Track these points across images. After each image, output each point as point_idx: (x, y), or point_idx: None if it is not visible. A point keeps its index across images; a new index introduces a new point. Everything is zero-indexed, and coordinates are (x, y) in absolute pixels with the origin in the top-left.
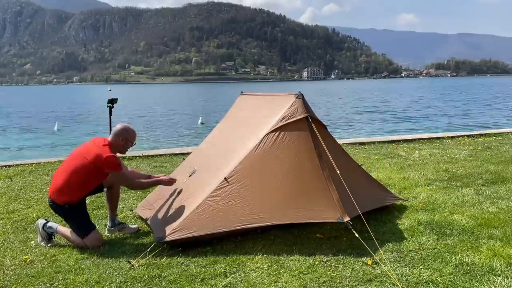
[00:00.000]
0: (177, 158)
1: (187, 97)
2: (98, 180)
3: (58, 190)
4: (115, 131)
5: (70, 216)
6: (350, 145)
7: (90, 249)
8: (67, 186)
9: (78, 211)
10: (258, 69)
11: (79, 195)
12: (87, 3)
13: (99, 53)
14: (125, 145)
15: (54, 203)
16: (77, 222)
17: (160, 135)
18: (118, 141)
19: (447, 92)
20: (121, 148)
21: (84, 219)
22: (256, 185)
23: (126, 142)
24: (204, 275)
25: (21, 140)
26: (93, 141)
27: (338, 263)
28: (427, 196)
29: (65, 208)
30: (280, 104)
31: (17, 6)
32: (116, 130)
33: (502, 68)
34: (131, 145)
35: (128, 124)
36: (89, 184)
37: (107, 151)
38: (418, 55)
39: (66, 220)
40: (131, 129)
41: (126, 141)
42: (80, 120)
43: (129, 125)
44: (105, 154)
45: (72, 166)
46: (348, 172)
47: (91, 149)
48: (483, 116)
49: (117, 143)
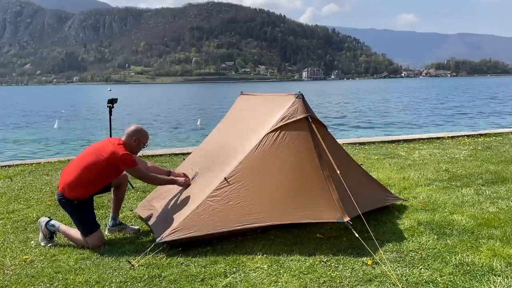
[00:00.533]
0: (177, 158)
1: (187, 97)
2: (110, 177)
3: (69, 184)
4: (128, 131)
5: (77, 212)
6: (350, 145)
7: (90, 248)
8: (79, 181)
9: (86, 207)
10: (258, 69)
11: (89, 191)
12: (87, 3)
13: (99, 53)
14: (137, 145)
15: (63, 197)
16: (83, 219)
17: (160, 135)
18: (131, 141)
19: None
20: (133, 148)
21: (90, 216)
22: (256, 185)
23: (138, 143)
24: (204, 275)
25: (21, 138)
26: (108, 140)
27: (338, 263)
28: (427, 196)
29: (73, 204)
30: (280, 104)
31: (17, 6)
32: (129, 131)
33: (502, 68)
34: (143, 146)
35: (141, 126)
36: (100, 181)
37: (122, 149)
38: (418, 55)
39: (72, 216)
40: (144, 130)
41: (138, 142)
42: (80, 119)
43: (142, 127)
44: (121, 152)
45: (86, 162)
46: (348, 172)
47: (107, 147)
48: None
49: (130, 143)
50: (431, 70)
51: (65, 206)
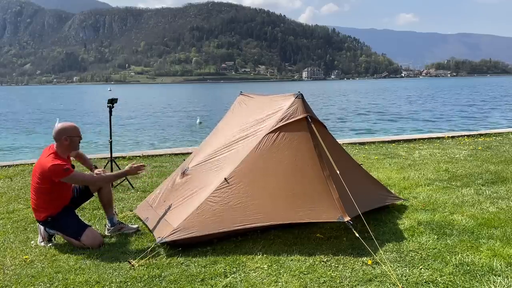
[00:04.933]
0: (177, 158)
1: (187, 97)
2: (64, 189)
3: (34, 209)
4: (54, 136)
5: (58, 226)
6: (350, 145)
7: (90, 249)
8: (40, 204)
9: (63, 219)
10: (258, 69)
11: (58, 206)
12: (87, 3)
13: (99, 53)
14: (71, 143)
15: (38, 221)
16: (67, 228)
17: (160, 135)
18: (63, 142)
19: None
20: (69, 147)
21: (71, 223)
22: (256, 185)
23: (71, 139)
24: (204, 275)
25: (21, 137)
26: (43, 153)
27: (338, 263)
28: (427, 196)
29: (49, 221)
30: (279, 104)
31: (17, 6)
32: (54, 135)
33: (502, 68)
34: (78, 139)
35: (64, 122)
36: (59, 195)
37: (51, 160)
38: (418, 55)
39: (57, 230)
40: (68, 125)
41: (70, 138)
42: (80, 119)
43: (64, 123)
44: (48, 164)
45: (35, 184)
46: (348, 172)
47: (39, 164)
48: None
49: (62, 145)
50: (431, 70)
51: (45, 226)
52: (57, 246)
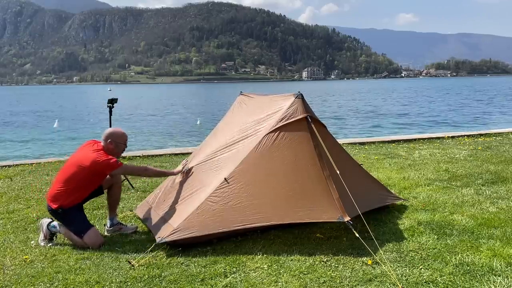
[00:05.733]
0: (177, 158)
1: (187, 97)
2: (94, 184)
3: (53, 196)
4: (103, 136)
5: (66, 219)
6: (350, 145)
7: (90, 248)
8: (63, 192)
9: (73, 213)
10: (258, 69)
11: (75, 200)
12: (87, 3)
13: (99, 53)
14: (116, 147)
15: (50, 208)
16: (72, 223)
17: (160, 135)
18: (108, 145)
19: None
20: (113, 151)
21: (79, 219)
22: (256, 185)
23: (116, 144)
24: (204, 275)
25: (21, 136)
26: (88, 147)
27: (338, 263)
28: (427, 196)
29: (59, 212)
30: (279, 104)
31: (17, 6)
32: (103, 135)
33: (502, 68)
34: (123, 146)
35: (115, 127)
36: (84, 189)
37: (103, 154)
38: (418, 55)
39: (64, 223)
40: (117, 131)
41: (115, 143)
42: (80, 119)
43: (115, 128)
44: (102, 158)
45: (67, 174)
46: (348, 172)
47: (87, 156)
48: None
49: (107, 147)
50: (431, 70)
51: (54, 215)
52: (57, 246)
